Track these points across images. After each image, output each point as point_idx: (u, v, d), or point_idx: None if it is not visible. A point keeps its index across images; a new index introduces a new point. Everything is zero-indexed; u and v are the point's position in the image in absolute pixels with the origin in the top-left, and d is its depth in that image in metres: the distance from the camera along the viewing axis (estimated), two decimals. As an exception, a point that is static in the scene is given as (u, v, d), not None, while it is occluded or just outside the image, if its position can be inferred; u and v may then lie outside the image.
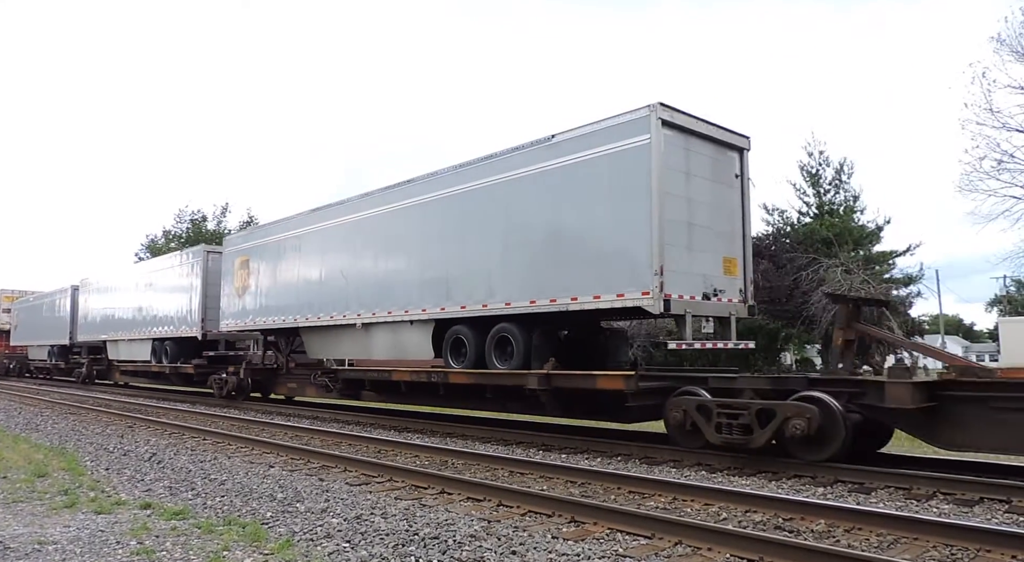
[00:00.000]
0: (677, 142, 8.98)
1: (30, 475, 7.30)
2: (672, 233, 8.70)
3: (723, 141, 9.69)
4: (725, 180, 9.69)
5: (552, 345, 10.17)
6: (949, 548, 4.54)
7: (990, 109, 20.49)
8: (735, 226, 9.82)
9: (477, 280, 10.57)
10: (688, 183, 9.08)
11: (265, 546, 4.69)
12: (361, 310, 12.72)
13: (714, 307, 9.26)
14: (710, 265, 9.30)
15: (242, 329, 16.90)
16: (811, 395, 7.40)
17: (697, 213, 9.17)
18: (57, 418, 13.99)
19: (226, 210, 53.39)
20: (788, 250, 33.64)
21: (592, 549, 4.59)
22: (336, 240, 13.68)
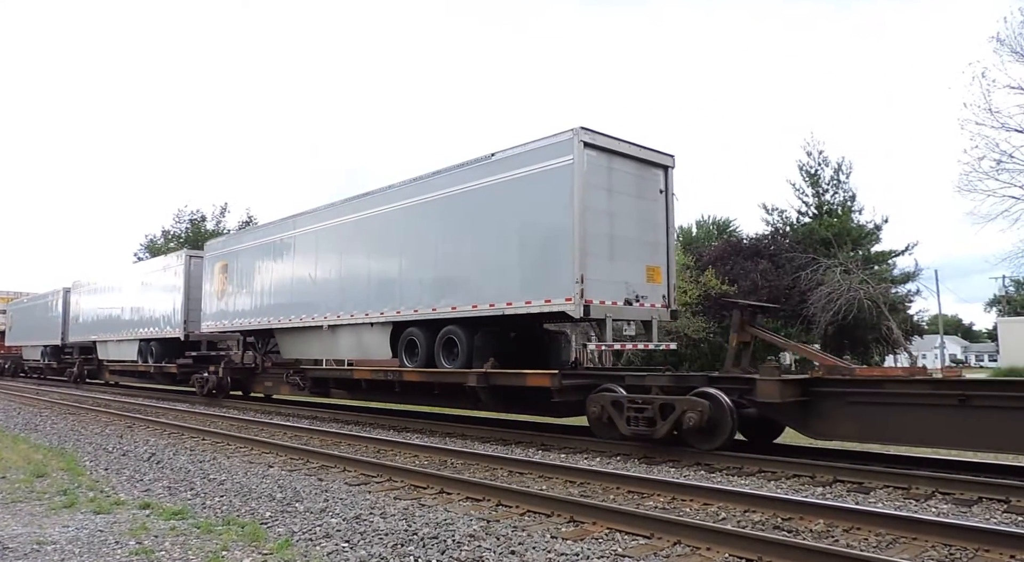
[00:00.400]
0: (600, 162, 9.81)
1: (29, 475, 7.30)
2: (594, 245, 9.56)
3: (647, 160, 10.48)
4: (649, 195, 10.53)
5: (494, 346, 10.90)
6: (948, 548, 4.55)
7: (989, 109, 20.53)
8: (659, 237, 10.61)
9: (427, 286, 11.47)
10: (611, 198, 9.95)
11: (264, 546, 4.69)
12: (327, 313, 13.61)
13: (636, 312, 10.10)
14: (633, 273, 10.15)
15: (222, 330, 17.66)
16: (706, 391, 8.27)
17: (620, 226, 10.02)
18: (56, 418, 13.98)
19: (225, 210, 53.38)
20: (787, 250, 33.68)
21: (591, 549, 4.59)
22: (305, 247, 14.63)
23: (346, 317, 13.11)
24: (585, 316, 9.38)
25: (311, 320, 14.05)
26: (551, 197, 9.70)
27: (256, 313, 15.97)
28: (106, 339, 23.87)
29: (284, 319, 14.94)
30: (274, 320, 15.30)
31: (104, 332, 23.90)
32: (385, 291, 12.29)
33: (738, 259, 32.69)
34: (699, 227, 58.02)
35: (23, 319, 33.36)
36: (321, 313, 13.78)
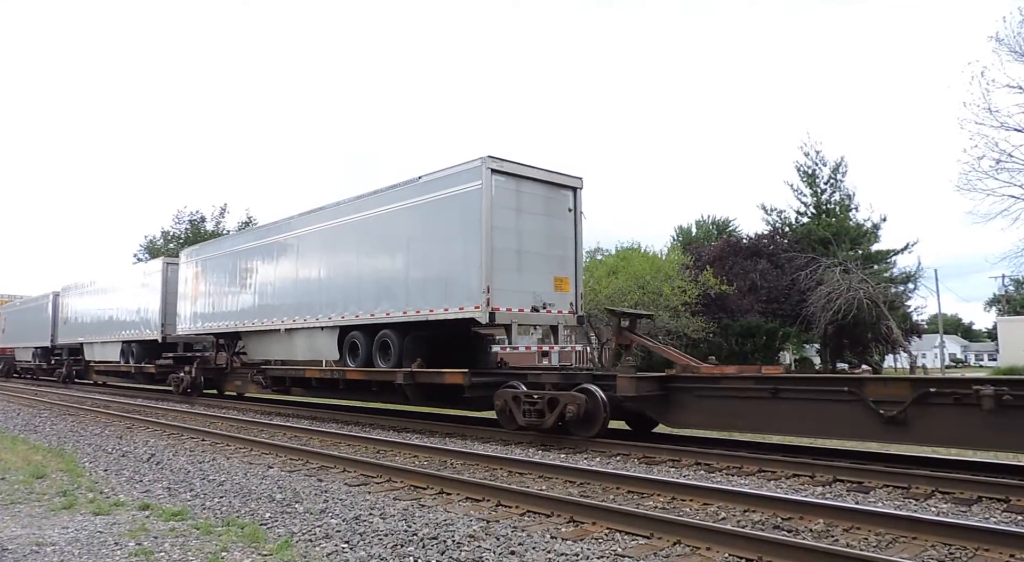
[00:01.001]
0: (508, 186, 10.96)
1: (28, 476, 7.29)
2: (501, 259, 10.73)
3: (556, 183, 11.66)
4: (558, 214, 11.69)
5: (423, 347, 12.00)
6: (948, 547, 4.55)
7: (989, 108, 20.53)
8: (567, 251, 11.75)
9: (367, 294, 12.64)
10: (519, 217, 11.10)
11: (264, 547, 4.69)
12: (284, 317, 14.93)
13: (542, 318, 11.34)
14: (541, 284, 11.31)
15: (195, 332, 18.83)
16: (585, 387, 9.47)
17: (528, 241, 11.20)
18: (55, 419, 13.97)
19: (225, 211, 53.35)
20: (786, 250, 33.69)
21: (591, 549, 4.59)
22: (265, 256, 15.91)
23: (300, 322, 14.41)
24: (491, 322, 10.54)
25: (271, 324, 15.34)
26: (464, 217, 10.88)
27: (225, 317, 17.16)
28: (92, 341, 25.01)
29: (248, 323, 16.21)
30: (240, 324, 16.55)
31: (90, 334, 25.06)
32: (333, 298, 13.46)
33: (737, 259, 32.70)
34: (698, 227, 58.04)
35: (16, 321, 34.49)
36: (279, 318, 15.05)
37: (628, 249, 31.32)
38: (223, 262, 17.60)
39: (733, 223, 55.16)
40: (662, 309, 25.28)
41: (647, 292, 24.90)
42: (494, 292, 10.53)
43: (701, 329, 26.21)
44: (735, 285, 29.51)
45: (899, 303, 33.14)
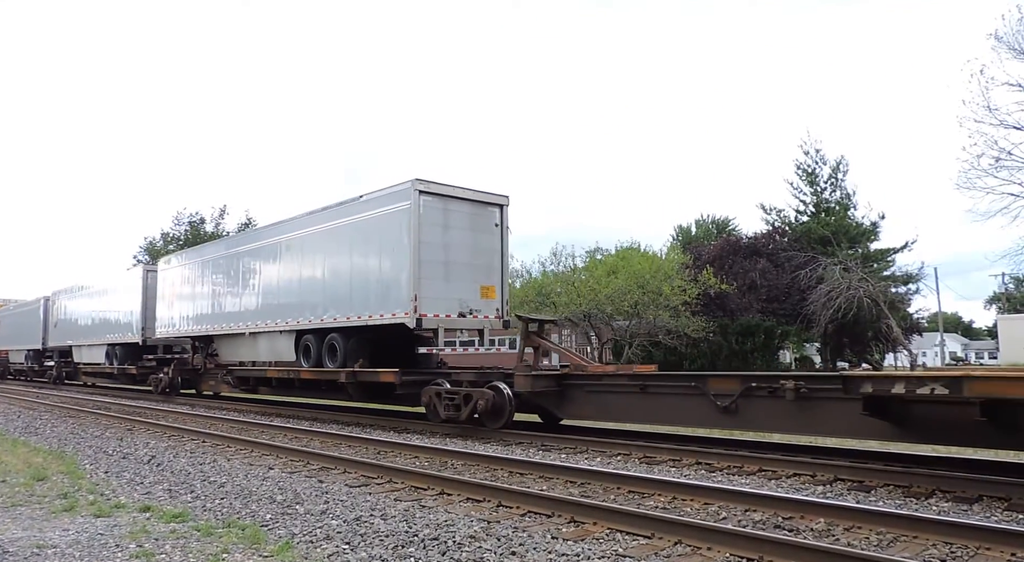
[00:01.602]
0: (436, 205, 12.07)
1: (29, 479, 7.29)
2: (428, 270, 11.82)
3: (483, 201, 12.79)
4: (485, 229, 12.80)
5: (366, 349, 13.06)
6: (949, 546, 4.55)
7: (988, 106, 20.50)
8: (493, 262, 12.88)
9: (317, 301, 13.84)
10: (447, 233, 12.22)
11: (265, 548, 4.68)
12: (249, 322, 16.14)
13: (469, 322, 12.47)
14: (468, 292, 12.37)
15: (173, 335, 20.00)
16: (495, 384, 10.64)
17: (456, 254, 12.30)
18: (56, 421, 13.97)
19: (224, 212, 53.39)
20: (786, 249, 33.69)
21: (592, 549, 4.59)
22: (232, 266, 17.18)
23: (263, 326, 15.65)
24: (419, 326, 11.67)
25: (238, 328, 16.56)
26: (396, 233, 12.04)
27: (198, 321, 18.36)
28: (80, 344, 26.26)
29: (219, 327, 17.41)
30: (211, 328, 17.73)
31: (78, 337, 26.33)
32: (289, 305, 14.74)
33: (737, 258, 32.70)
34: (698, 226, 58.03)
35: (10, 324, 35.59)
36: (245, 322, 16.31)
37: (628, 248, 31.33)
38: (196, 270, 18.87)
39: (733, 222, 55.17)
40: (662, 308, 25.26)
41: (647, 292, 24.89)
42: (421, 300, 11.70)
43: (701, 328, 26.21)
44: (735, 284, 29.50)
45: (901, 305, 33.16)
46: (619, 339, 27.40)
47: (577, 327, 28.57)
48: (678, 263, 28.18)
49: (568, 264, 28.49)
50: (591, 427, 11.07)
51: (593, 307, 25.40)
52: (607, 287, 24.83)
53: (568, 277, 27.49)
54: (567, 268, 28.32)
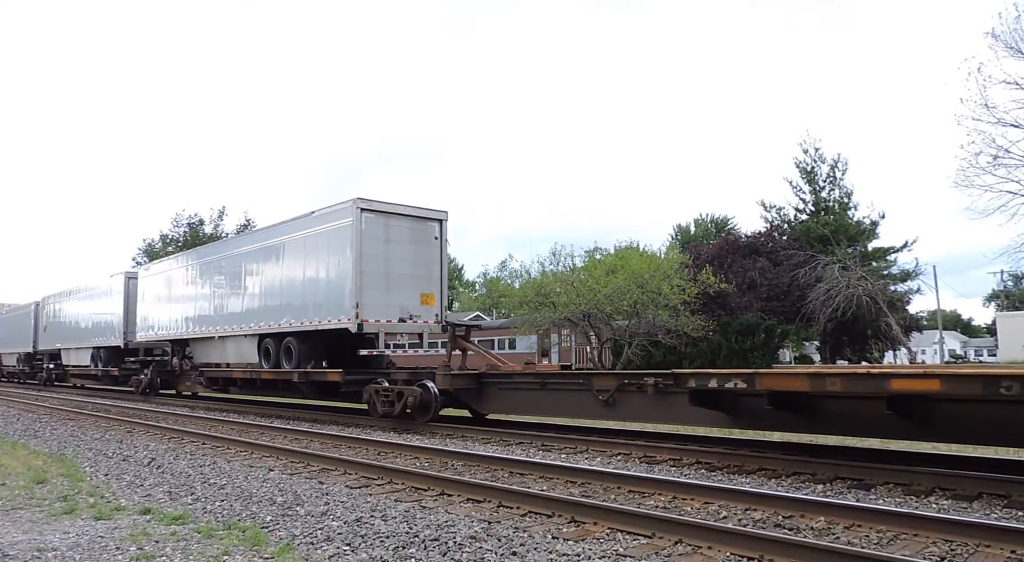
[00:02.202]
0: (377, 221, 13.24)
1: (29, 481, 7.28)
2: (370, 280, 12.99)
3: (422, 216, 13.98)
4: (425, 242, 13.95)
5: (318, 351, 14.41)
6: (949, 543, 4.55)
7: (986, 104, 20.53)
8: (433, 272, 14.06)
9: (275, 307, 15.14)
10: (388, 246, 13.35)
11: (265, 550, 4.68)
12: (218, 327, 17.35)
13: (408, 327, 13.74)
14: (408, 299, 13.58)
15: (152, 339, 21.15)
16: (423, 382, 11.85)
17: (396, 265, 13.45)
18: (56, 424, 13.96)
19: (223, 214, 53.42)
20: (785, 248, 33.69)
21: (592, 549, 4.59)
22: (203, 274, 18.50)
23: (230, 330, 16.85)
24: (360, 331, 12.88)
25: (209, 332, 17.76)
26: (341, 246, 13.24)
27: (174, 326, 19.59)
28: (68, 347, 27.52)
29: (192, 331, 18.63)
30: (186, 332, 18.96)
31: (66, 341, 27.59)
32: (252, 311, 16.02)
33: (736, 257, 32.71)
34: (697, 225, 58.06)
35: (3, 328, 36.64)
36: (215, 327, 17.48)
37: (627, 248, 31.35)
38: (171, 278, 20.15)
39: (732, 221, 55.22)
40: (661, 308, 25.26)
41: (646, 291, 24.90)
42: (363, 307, 12.86)
43: (700, 327, 26.21)
44: (734, 283, 29.52)
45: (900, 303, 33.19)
46: (618, 339, 27.41)
47: (576, 327, 28.56)
48: (677, 262, 28.19)
49: (567, 264, 28.53)
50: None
51: (592, 307, 25.40)
52: (606, 287, 24.84)
53: (567, 277, 27.50)
54: (566, 268, 28.34)
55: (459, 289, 76.78)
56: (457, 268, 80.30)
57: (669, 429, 10.37)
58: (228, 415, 15.51)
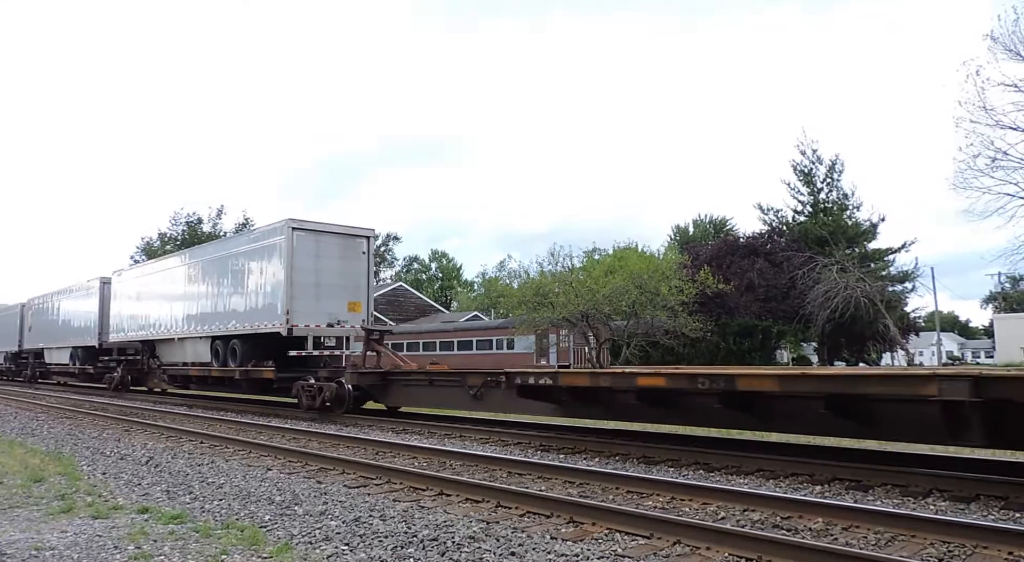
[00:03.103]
0: (308, 238, 15.22)
1: (26, 480, 7.27)
2: (300, 290, 14.98)
3: (351, 234, 16.01)
4: (353, 257, 15.93)
5: (259, 352, 16.11)
6: (946, 545, 4.56)
7: (984, 107, 20.57)
8: (361, 283, 16.02)
9: (222, 312, 17.14)
10: (317, 261, 15.31)
11: (264, 549, 4.68)
12: (177, 329, 19.27)
13: (336, 331, 15.75)
14: (337, 307, 15.54)
15: (124, 340, 22.90)
16: (339, 380, 13.89)
17: (326, 277, 15.40)
18: (53, 422, 13.93)
19: (222, 212, 53.42)
20: (783, 249, 33.73)
21: (591, 549, 4.59)
22: (165, 281, 20.36)
23: (187, 333, 18.71)
24: (290, 335, 14.78)
25: (171, 334, 19.67)
26: (275, 261, 15.31)
27: (142, 327, 21.45)
28: (50, 346, 29.43)
29: (157, 332, 20.49)
30: (152, 334, 20.83)
31: (48, 341, 29.52)
32: (205, 315, 17.88)
33: (734, 258, 32.74)
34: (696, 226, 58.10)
35: None
36: (175, 329, 19.40)
37: (625, 248, 31.33)
38: (140, 284, 22.04)
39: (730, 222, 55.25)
40: (660, 308, 25.27)
41: (644, 291, 24.90)
42: (294, 313, 14.85)
43: (699, 328, 26.22)
44: (732, 284, 29.53)
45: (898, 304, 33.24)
46: (617, 339, 27.41)
47: (575, 327, 28.57)
48: (676, 263, 28.19)
49: (566, 264, 28.49)
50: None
51: (591, 307, 25.39)
52: (605, 287, 24.82)
53: (566, 277, 27.47)
54: (565, 268, 28.31)
55: (457, 289, 76.79)
56: (455, 267, 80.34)
57: (668, 429, 10.37)
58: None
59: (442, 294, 73.85)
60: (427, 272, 79.23)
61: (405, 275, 74.23)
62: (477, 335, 37.51)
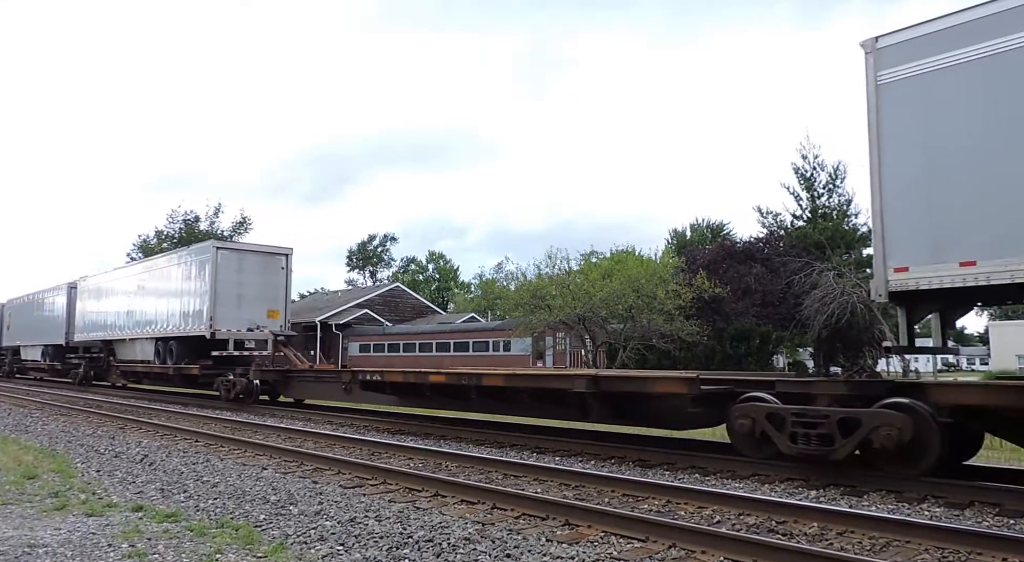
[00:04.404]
0: (232, 256, 18.42)
1: (20, 477, 7.24)
2: (223, 300, 17.89)
3: (270, 252, 19.23)
4: (273, 272, 18.95)
5: (191, 351, 18.83)
6: (941, 551, 4.57)
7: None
8: (279, 294, 18.98)
9: (162, 317, 20.17)
10: (240, 275, 18.28)
11: (258, 549, 4.67)
12: (128, 331, 22.20)
13: (256, 335, 18.43)
14: (257, 314, 18.42)
15: (88, 339, 25.58)
16: (248, 376, 16.78)
17: (247, 289, 18.37)
18: (47, 419, 13.89)
19: (219, 210, 53.35)
20: (781, 254, 33.78)
21: (586, 552, 4.59)
22: (122, 287, 23.25)
23: (136, 334, 21.71)
24: (213, 337, 17.63)
25: (123, 335, 22.59)
26: (202, 275, 18.30)
27: (101, 329, 24.26)
28: (25, 344, 32.51)
29: (112, 334, 23.42)
30: (108, 334, 23.74)
31: (24, 339, 32.42)
32: (149, 319, 20.95)
33: (732, 262, 32.75)
34: (693, 230, 58.17)
35: None
36: (127, 331, 22.30)
37: (622, 252, 31.36)
38: (100, 289, 24.73)
39: (728, 227, 55.35)
40: (656, 312, 25.29)
41: (641, 295, 24.92)
42: (217, 319, 17.70)
43: (695, 333, 26.25)
44: (729, 289, 29.56)
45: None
46: (613, 342, 27.42)
47: (572, 330, 28.57)
48: (673, 267, 28.20)
49: (563, 267, 28.50)
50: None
51: (587, 310, 25.41)
52: (601, 290, 24.85)
53: (563, 280, 27.49)
54: (562, 271, 28.32)
55: (455, 290, 76.77)
56: (453, 269, 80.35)
57: (664, 434, 10.38)
58: (221, 413, 15.48)
59: (439, 295, 73.84)
60: (424, 273, 79.25)
61: (402, 276, 74.23)
62: (474, 337, 37.48)
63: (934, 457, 6.50)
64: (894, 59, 7.17)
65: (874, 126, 7.26)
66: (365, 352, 42.46)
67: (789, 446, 7.07)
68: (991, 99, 6.53)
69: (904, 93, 7.09)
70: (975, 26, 6.61)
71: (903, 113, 7.09)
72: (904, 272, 6.94)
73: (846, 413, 6.78)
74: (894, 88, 7.16)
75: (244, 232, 53.60)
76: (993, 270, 6.30)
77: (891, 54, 7.21)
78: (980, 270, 6.39)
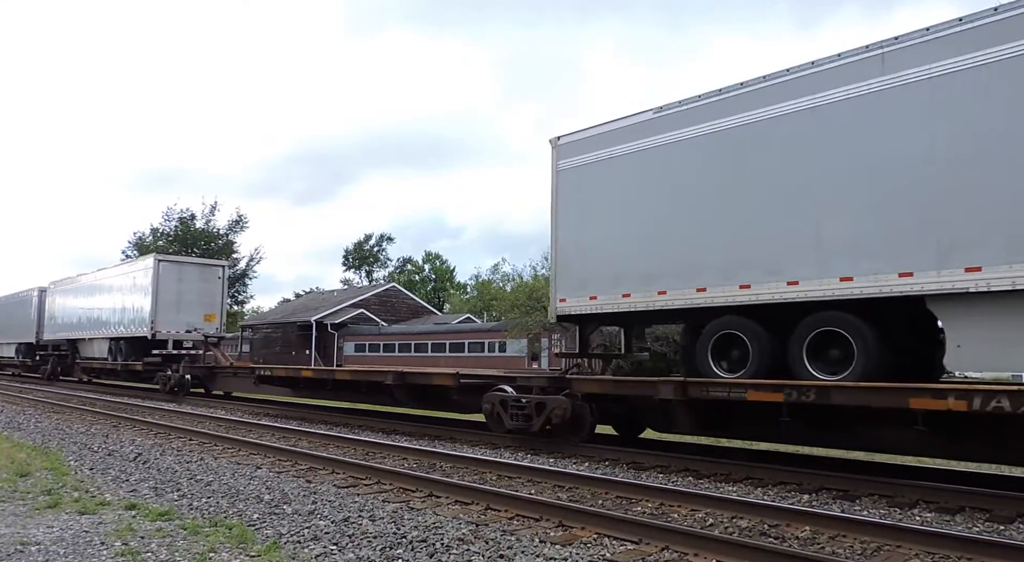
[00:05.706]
0: (172, 267, 21.60)
1: (12, 474, 7.22)
2: (163, 305, 20.73)
3: (208, 264, 23.39)
4: (211, 281, 21.98)
5: (138, 350, 21.34)
6: (931, 555, 4.60)
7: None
8: (216, 300, 21.84)
9: (116, 320, 22.89)
10: (180, 283, 21.24)
11: (252, 548, 4.67)
12: (88, 331, 24.88)
13: (193, 336, 21.05)
14: (195, 317, 21.24)
15: (56, 338, 28.21)
16: (182, 371, 19.29)
17: (187, 295, 21.22)
18: (40, 417, 13.83)
19: (215, 208, 53.25)
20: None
21: (579, 553, 4.61)
22: (83, 292, 25.86)
23: (94, 334, 24.43)
24: (153, 338, 20.42)
25: (85, 335, 25.30)
26: (146, 283, 21.11)
27: (67, 329, 26.88)
28: (2, 342, 35.17)
29: (76, 333, 26.13)
30: (72, 334, 26.48)
31: (1, 337, 34.98)
32: (104, 321, 23.72)
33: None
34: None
35: None
36: (87, 331, 24.98)
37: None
38: (66, 292, 27.38)
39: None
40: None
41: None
42: (158, 322, 20.56)
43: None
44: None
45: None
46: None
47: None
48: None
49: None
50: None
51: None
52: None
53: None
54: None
55: (450, 291, 76.72)
56: (448, 269, 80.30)
57: (657, 437, 10.42)
58: (216, 411, 15.45)
59: (435, 296, 73.78)
60: (420, 273, 79.18)
61: (398, 276, 74.14)
62: (469, 338, 37.46)
63: (587, 428, 9.41)
64: (566, 153, 10.20)
65: (555, 199, 10.34)
66: (360, 352, 42.40)
67: (510, 423, 9.71)
68: (614, 186, 9.54)
69: (570, 178, 10.13)
70: (600, 138, 9.78)
71: (569, 193, 10.15)
72: (564, 302, 10.16)
73: (539, 399, 9.41)
74: (567, 174, 10.20)
75: (240, 231, 53.56)
76: (605, 302, 9.60)
77: (565, 149, 10.22)
78: (598, 302, 9.69)
